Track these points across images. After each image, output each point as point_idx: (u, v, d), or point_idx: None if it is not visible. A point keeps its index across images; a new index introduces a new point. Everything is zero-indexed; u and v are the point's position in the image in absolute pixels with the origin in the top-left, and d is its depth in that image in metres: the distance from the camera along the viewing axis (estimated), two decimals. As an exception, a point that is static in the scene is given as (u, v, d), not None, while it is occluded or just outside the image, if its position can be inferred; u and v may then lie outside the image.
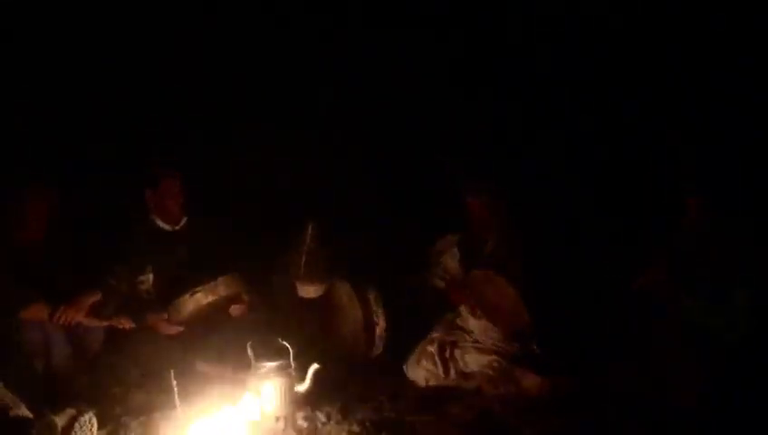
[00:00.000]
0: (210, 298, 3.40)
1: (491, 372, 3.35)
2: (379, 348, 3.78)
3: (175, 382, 2.79)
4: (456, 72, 4.66)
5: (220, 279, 3.43)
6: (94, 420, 2.54)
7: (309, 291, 3.89)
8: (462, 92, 4.62)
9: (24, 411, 2.52)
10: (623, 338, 3.12)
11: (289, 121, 4.61)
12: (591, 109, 4.43)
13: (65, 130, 4.27)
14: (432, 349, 3.51)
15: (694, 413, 2.70)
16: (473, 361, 3.45)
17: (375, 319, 3.77)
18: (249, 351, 3.08)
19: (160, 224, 3.69)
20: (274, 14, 4.58)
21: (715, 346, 2.80)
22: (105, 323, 3.30)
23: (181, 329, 3.45)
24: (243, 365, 3.15)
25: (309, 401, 3.05)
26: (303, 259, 3.88)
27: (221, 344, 3.50)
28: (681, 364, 2.83)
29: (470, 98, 4.62)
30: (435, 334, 3.63)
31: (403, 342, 3.70)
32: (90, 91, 4.33)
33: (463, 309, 3.66)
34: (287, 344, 3.04)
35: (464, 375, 3.44)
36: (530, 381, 3.24)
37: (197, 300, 3.39)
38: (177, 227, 3.72)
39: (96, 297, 3.24)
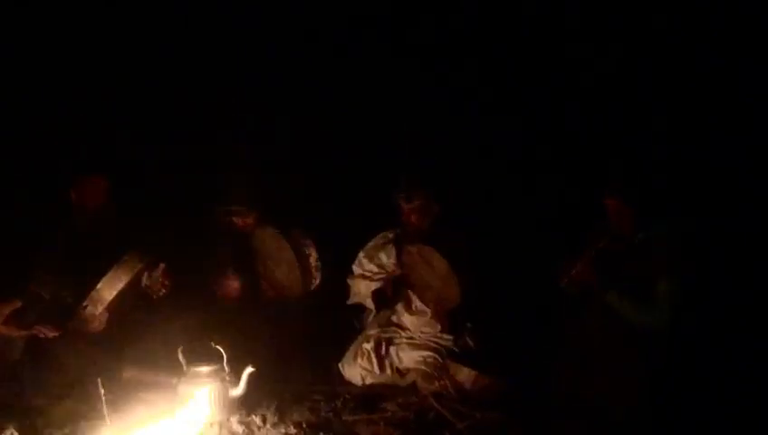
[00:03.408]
0: (124, 277, 3.29)
1: (426, 368, 3.38)
2: (316, 278, 3.83)
3: (103, 391, 2.69)
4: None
5: (124, 257, 3.34)
6: (16, 435, 2.43)
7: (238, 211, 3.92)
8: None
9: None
10: (559, 337, 3.20)
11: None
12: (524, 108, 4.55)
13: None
14: (368, 347, 3.51)
15: (630, 414, 2.78)
16: (408, 357, 3.47)
17: (306, 251, 3.82)
18: (180, 356, 3.00)
19: (81, 224, 3.59)
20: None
21: (646, 344, 2.88)
22: (25, 333, 3.15)
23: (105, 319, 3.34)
24: (174, 370, 3.07)
25: (244, 405, 3.00)
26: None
27: (150, 349, 3.40)
28: (613, 363, 2.91)
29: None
30: (370, 332, 3.64)
31: (338, 340, 3.70)
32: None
33: (398, 306, 3.68)
34: (220, 348, 2.98)
35: (399, 372, 3.46)
36: (464, 375, 3.29)
37: (112, 284, 3.29)
38: (98, 229, 3.63)
39: (16, 305, 3.09)
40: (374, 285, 3.69)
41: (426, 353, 3.44)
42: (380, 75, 4.69)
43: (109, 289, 3.27)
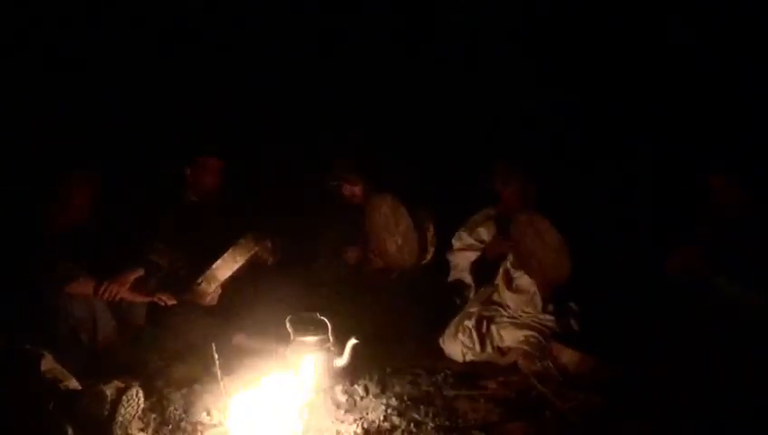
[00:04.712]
0: (239, 259, 3.45)
1: (527, 348, 3.35)
2: (430, 252, 3.92)
3: (216, 356, 2.84)
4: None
5: (240, 240, 3.49)
6: (141, 394, 2.59)
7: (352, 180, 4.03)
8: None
9: (74, 383, 2.60)
10: (666, 323, 3.08)
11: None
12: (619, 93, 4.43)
13: (108, 115, 4.37)
14: (469, 323, 3.51)
15: (734, 400, 2.66)
16: (509, 336, 3.45)
17: (424, 224, 3.90)
18: (288, 325, 3.12)
19: (195, 201, 3.81)
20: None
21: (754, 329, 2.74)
22: (147, 299, 3.37)
23: (218, 295, 3.52)
24: (282, 339, 3.20)
25: (347, 375, 3.09)
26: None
27: (259, 318, 3.56)
28: (720, 350, 2.78)
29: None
30: (471, 309, 3.63)
31: (439, 316, 3.73)
32: (135, 83, 4.47)
33: (499, 284, 3.65)
34: (326, 319, 3.07)
35: (500, 350, 3.44)
36: (567, 357, 3.22)
37: (228, 265, 3.45)
38: (210, 206, 3.85)
39: (139, 273, 3.30)
40: (473, 257, 3.68)
41: (528, 333, 3.41)
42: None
43: (224, 269, 3.44)
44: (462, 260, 3.76)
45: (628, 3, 4.44)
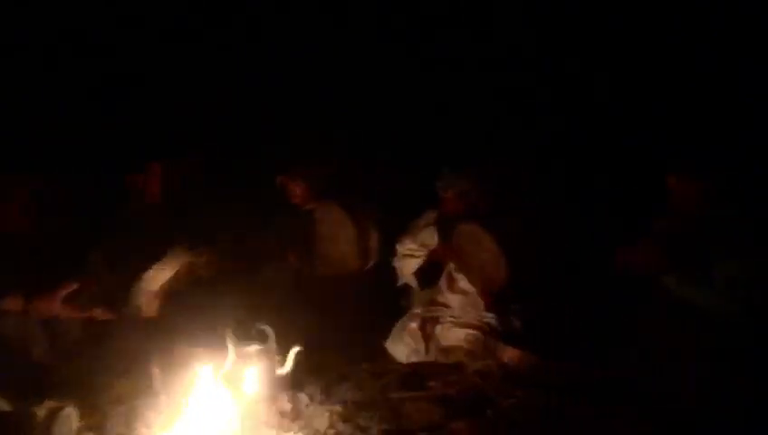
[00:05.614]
0: (168, 270, 3.42)
1: (470, 347, 3.39)
2: (372, 259, 3.95)
3: (156, 370, 2.79)
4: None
5: (169, 251, 3.45)
6: (74, 414, 2.53)
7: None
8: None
9: (3, 405, 2.51)
10: (614, 323, 3.14)
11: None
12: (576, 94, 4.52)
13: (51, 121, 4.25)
14: (414, 325, 3.54)
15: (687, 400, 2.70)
16: (452, 335, 3.48)
17: (369, 233, 3.93)
18: (229, 335, 3.07)
19: (138, 210, 3.74)
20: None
21: (707, 328, 2.80)
22: (81, 315, 3.28)
23: (157, 306, 3.46)
24: (224, 349, 3.15)
25: (291, 383, 3.06)
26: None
27: (200, 328, 3.50)
28: (670, 347, 2.84)
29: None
30: (415, 311, 3.66)
31: (383, 318, 3.74)
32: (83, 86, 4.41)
33: (442, 285, 3.69)
34: (267, 328, 3.04)
35: (443, 351, 3.47)
36: (509, 354, 3.29)
37: (157, 276, 3.40)
38: (153, 215, 3.76)
39: (71, 288, 3.21)
40: (417, 263, 3.71)
41: (471, 332, 3.45)
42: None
43: (154, 282, 3.38)
44: (407, 266, 3.79)
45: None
